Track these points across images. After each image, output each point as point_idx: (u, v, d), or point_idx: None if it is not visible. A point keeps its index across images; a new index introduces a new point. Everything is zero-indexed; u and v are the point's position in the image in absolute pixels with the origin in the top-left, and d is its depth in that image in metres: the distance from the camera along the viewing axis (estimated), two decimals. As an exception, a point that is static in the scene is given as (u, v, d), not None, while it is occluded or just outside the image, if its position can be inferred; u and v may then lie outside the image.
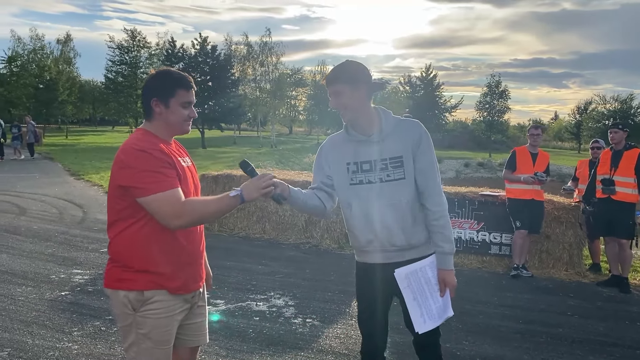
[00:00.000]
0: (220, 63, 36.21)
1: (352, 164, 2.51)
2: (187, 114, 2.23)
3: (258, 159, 23.86)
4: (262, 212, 7.99)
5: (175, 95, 2.20)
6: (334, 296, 5.20)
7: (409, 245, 2.51)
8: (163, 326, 2.17)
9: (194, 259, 2.25)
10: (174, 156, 2.19)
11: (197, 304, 2.36)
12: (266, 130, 53.04)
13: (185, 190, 2.15)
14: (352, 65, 2.45)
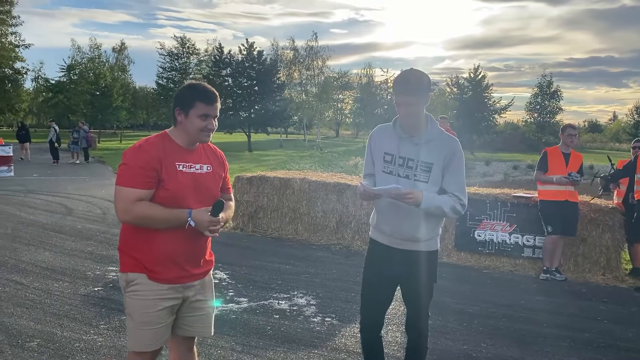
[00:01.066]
0: (266, 68, 36.80)
1: (389, 155, 2.82)
2: (204, 125, 2.38)
3: (302, 161, 24.10)
4: (294, 213, 8.09)
5: (194, 107, 2.36)
6: (356, 297, 5.20)
7: (414, 238, 2.80)
8: (144, 307, 2.35)
9: (183, 257, 2.40)
10: (169, 160, 2.35)
11: (194, 298, 2.49)
12: (312, 134, 53.41)
13: (173, 194, 2.33)
14: (422, 76, 2.71)
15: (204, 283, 2.54)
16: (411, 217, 2.76)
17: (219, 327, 4.26)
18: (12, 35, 53.40)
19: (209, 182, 2.48)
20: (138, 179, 2.28)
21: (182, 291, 2.43)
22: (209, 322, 2.60)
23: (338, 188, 7.73)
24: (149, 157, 2.30)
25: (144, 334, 2.38)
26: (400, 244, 2.83)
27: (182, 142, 2.42)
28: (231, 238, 7.89)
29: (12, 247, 6.74)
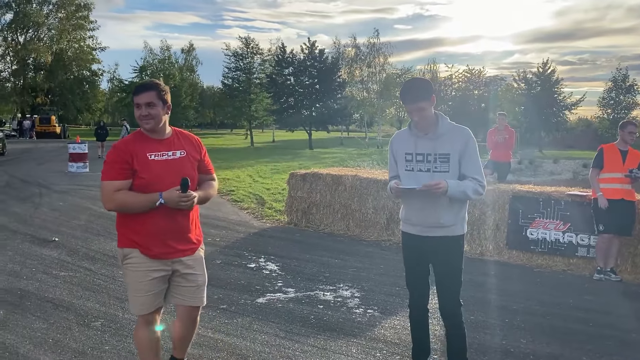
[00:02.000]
0: (327, 66, 37.10)
1: (409, 155, 3.17)
2: (139, 113, 2.80)
3: (360, 159, 24.19)
4: (346, 209, 8.26)
5: (134, 100, 2.84)
6: (401, 290, 5.32)
7: (439, 224, 3.12)
8: (137, 277, 2.84)
9: (165, 235, 2.82)
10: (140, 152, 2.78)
11: (184, 271, 2.92)
12: (373, 131, 53.25)
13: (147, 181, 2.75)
14: (423, 83, 3.11)
15: (194, 259, 2.96)
16: (434, 205, 3.08)
17: (265, 315, 4.54)
18: (90, 39, 56.79)
19: (183, 165, 2.87)
20: (113, 172, 2.75)
21: (170, 265, 2.88)
22: (199, 294, 3.00)
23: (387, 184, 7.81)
24: (120, 151, 2.78)
25: (138, 300, 2.87)
26: (427, 232, 3.15)
27: (149, 134, 2.86)
28: (284, 232, 8.17)
29: (84, 237, 7.33)
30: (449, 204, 3.09)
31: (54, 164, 18.74)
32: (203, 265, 3.04)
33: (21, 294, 4.89)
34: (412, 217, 3.21)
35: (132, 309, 2.96)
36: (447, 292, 3.20)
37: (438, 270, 3.21)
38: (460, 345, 3.24)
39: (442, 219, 3.10)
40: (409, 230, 3.27)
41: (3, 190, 11.76)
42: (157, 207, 2.76)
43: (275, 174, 16.63)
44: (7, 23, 51.66)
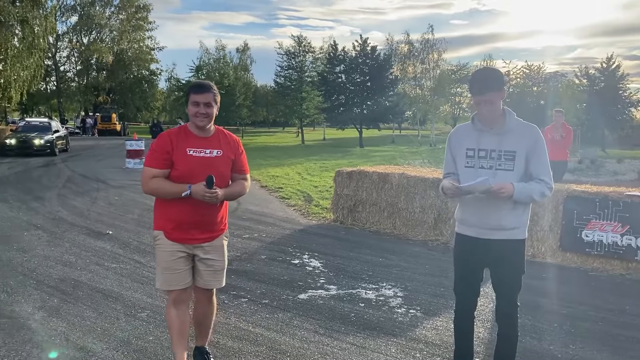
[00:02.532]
0: (379, 63, 36.82)
1: (470, 150, 2.97)
2: (196, 111, 3.02)
3: (411, 157, 23.89)
4: (392, 208, 8.17)
5: (189, 98, 3.05)
6: (446, 292, 5.21)
7: (500, 227, 2.92)
8: (164, 257, 3.11)
9: (187, 224, 3.06)
10: (181, 146, 3.02)
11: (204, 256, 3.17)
12: (426, 129, 52.46)
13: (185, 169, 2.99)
14: (497, 73, 2.91)
15: (213, 246, 3.19)
16: (496, 206, 2.89)
17: (306, 311, 4.54)
18: (149, 40, 58.79)
19: (218, 163, 3.08)
20: (154, 160, 3.03)
21: (191, 249, 3.14)
22: (216, 277, 3.25)
23: (437, 184, 7.66)
24: (164, 142, 3.05)
25: (163, 276, 3.15)
26: (486, 234, 2.96)
27: (193, 130, 3.09)
28: (330, 230, 8.17)
29: (136, 230, 7.58)
30: (513, 205, 2.91)
31: (113, 160, 19.51)
32: (223, 252, 3.27)
33: (74, 284, 5.11)
34: (470, 217, 3.01)
35: (158, 283, 3.21)
36: (505, 294, 3.04)
37: (496, 274, 3.04)
38: (511, 349, 3.11)
39: (504, 221, 2.91)
40: (465, 232, 3.06)
41: (64, 185, 12.35)
42: (185, 198, 2.97)
43: (324, 172, 16.66)
44: (72, 25, 54.24)
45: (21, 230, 7.44)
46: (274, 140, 43.91)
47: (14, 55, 31.55)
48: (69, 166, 16.95)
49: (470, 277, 3.10)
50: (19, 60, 31.77)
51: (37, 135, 21.02)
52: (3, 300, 4.62)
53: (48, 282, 5.16)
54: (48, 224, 7.91)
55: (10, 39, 31.17)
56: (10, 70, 31.53)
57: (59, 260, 5.91)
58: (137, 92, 57.66)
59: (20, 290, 4.88)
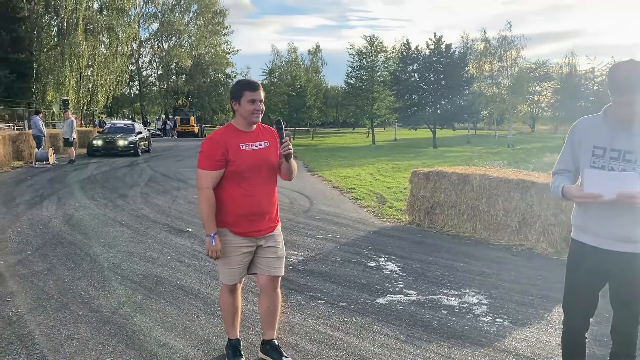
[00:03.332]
0: (454, 61, 35.85)
1: (599, 149, 2.59)
2: (253, 108, 3.13)
3: (489, 158, 23.02)
4: (473, 210, 7.82)
5: (243, 95, 3.14)
6: (534, 300, 4.88)
7: (626, 238, 2.56)
8: (228, 252, 3.24)
9: (251, 216, 3.21)
10: (233, 143, 3.14)
11: (266, 245, 3.31)
12: (503, 129, 50.57)
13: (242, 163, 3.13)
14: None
15: (274, 235, 3.34)
16: (626, 214, 2.51)
17: (385, 316, 4.39)
18: (225, 44, 60.66)
19: (268, 154, 3.24)
20: (207, 162, 3.13)
21: (255, 241, 3.28)
22: (279, 264, 3.37)
23: (522, 185, 7.26)
24: (215, 143, 3.14)
25: (228, 271, 3.30)
26: (609, 244, 2.61)
27: (241, 126, 3.21)
28: (406, 232, 7.95)
29: (214, 229, 7.71)
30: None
31: (191, 161, 20.17)
32: (282, 240, 3.42)
33: (157, 280, 5.23)
34: (592, 225, 2.65)
35: (223, 278, 3.36)
36: (624, 311, 2.69)
37: (617, 289, 2.69)
38: None
39: (632, 232, 2.54)
40: (585, 240, 2.71)
41: (147, 184, 12.87)
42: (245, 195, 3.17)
43: (397, 173, 16.38)
44: (153, 32, 56.93)
45: (107, 226, 7.77)
46: (344, 141, 43.90)
47: (101, 62, 33.52)
48: (150, 166, 17.70)
49: (585, 292, 2.74)
50: (105, 66, 33.75)
51: (122, 136, 22.14)
52: (91, 294, 4.80)
53: (132, 277, 5.32)
54: (132, 220, 8.22)
55: (97, 46, 33.14)
56: (97, 76, 33.51)
57: (142, 257, 6.09)
58: (214, 95, 59.66)
59: (107, 285, 5.06)
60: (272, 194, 3.32)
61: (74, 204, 9.69)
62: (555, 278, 5.56)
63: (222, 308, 3.51)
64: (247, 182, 3.17)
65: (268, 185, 3.27)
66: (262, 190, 3.22)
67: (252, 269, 3.39)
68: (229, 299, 3.43)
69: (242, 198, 3.17)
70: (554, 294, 5.00)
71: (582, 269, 2.72)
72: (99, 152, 21.28)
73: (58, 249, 6.41)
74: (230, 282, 3.35)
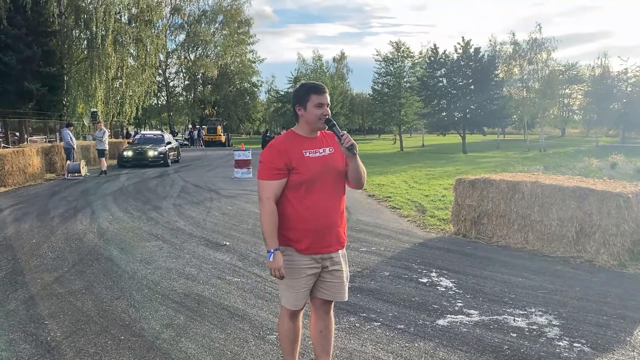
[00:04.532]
0: (483, 65, 35.18)
1: None
2: (320, 112, 2.88)
3: (523, 163, 22.35)
4: (524, 220, 7.37)
5: (309, 99, 2.89)
6: (611, 320, 4.44)
7: None
8: (290, 274, 2.91)
9: (318, 230, 2.89)
10: (296, 150, 2.87)
11: (332, 267, 3.00)
12: (534, 133, 49.45)
13: (307, 172, 2.85)
14: None
15: (339, 256, 3.03)
16: None
17: (450, 340, 4.01)
18: (250, 53, 60.95)
19: (334, 160, 2.96)
20: (268, 172, 2.85)
21: (320, 261, 2.96)
22: (343, 289, 3.07)
23: (578, 193, 6.78)
24: (277, 151, 2.87)
25: (293, 295, 2.97)
26: None
27: (305, 133, 2.96)
28: (454, 244, 7.53)
29: (253, 241, 7.43)
30: None
31: (221, 170, 20.05)
32: (347, 263, 3.13)
33: (199, 299, 4.95)
34: None
35: (287, 304, 3.03)
36: None
37: None
38: None
39: None
40: None
41: (179, 195, 12.69)
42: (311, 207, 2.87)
43: (432, 180, 15.91)
44: (180, 43, 57.50)
45: (143, 240, 7.55)
46: (371, 148, 43.42)
47: (130, 73, 33.84)
48: (181, 176, 17.59)
49: None
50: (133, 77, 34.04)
51: (152, 147, 22.16)
52: (132, 316, 4.53)
53: (173, 296, 5.05)
54: (167, 234, 7.99)
55: (126, 57, 33.47)
56: (126, 87, 33.83)
57: (181, 273, 5.83)
58: (240, 104, 59.89)
59: (147, 306, 4.79)
60: (340, 204, 3.03)
61: (108, 217, 9.53)
62: (627, 295, 5.10)
63: (281, 335, 3.18)
64: (314, 192, 2.88)
65: (336, 195, 2.98)
66: (330, 201, 2.94)
67: (315, 292, 3.09)
68: (290, 326, 3.11)
69: (308, 210, 2.88)
70: (631, 314, 4.56)
71: None
72: (129, 163, 21.33)
73: (95, 266, 6.20)
74: (295, 307, 3.02)
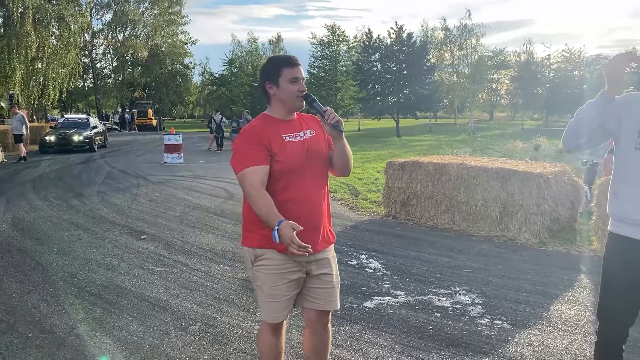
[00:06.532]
0: (415, 50, 35.81)
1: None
2: (296, 88, 2.47)
3: (453, 146, 23.03)
4: (451, 201, 7.53)
5: (282, 74, 2.47)
6: (530, 297, 4.59)
7: None
8: (272, 281, 2.50)
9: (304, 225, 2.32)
10: (275, 134, 2.45)
11: (318, 271, 2.58)
12: (464, 117, 51.10)
13: (288, 159, 2.44)
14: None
15: (328, 258, 2.63)
16: None
17: (376, 322, 4.00)
18: (182, 34, 59.03)
19: (317, 144, 2.57)
20: (249, 160, 2.38)
21: (305, 265, 2.54)
22: (334, 296, 2.66)
23: (501, 174, 7.00)
24: (254, 135, 2.44)
25: (272, 306, 2.54)
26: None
27: (280, 115, 2.54)
28: (383, 225, 7.60)
29: (180, 229, 7.17)
30: None
31: (150, 155, 19.36)
32: (336, 265, 2.72)
33: (118, 291, 4.70)
34: (635, 213, 2.30)
35: (265, 316, 2.60)
36: None
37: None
38: None
39: None
40: (626, 233, 2.34)
41: (104, 182, 12.11)
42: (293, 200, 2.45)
43: (366, 163, 16.05)
44: (107, 22, 54.80)
45: (61, 230, 7.12)
46: (309, 132, 43.43)
47: (52, 54, 31.92)
48: (108, 162, 16.83)
49: (627, 297, 2.35)
50: (56, 58, 32.13)
51: (76, 131, 21.06)
52: (43, 311, 4.23)
53: (90, 289, 4.77)
54: (88, 223, 7.58)
55: (47, 37, 31.52)
56: (49, 68, 31.91)
57: (101, 264, 5.52)
58: (172, 86, 58.01)
59: (61, 299, 4.49)
60: (325, 195, 2.63)
61: (25, 206, 8.94)
62: (546, 271, 5.31)
63: (260, 351, 2.72)
64: (296, 182, 2.47)
65: (320, 184, 2.58)
66: (314, 191, 2.53)
67: (300, 302, 2.66)
68: (271, 341, 2.64)
69: (290, 203, 2.45)
70: (549, 290, 4.74)
71: (623, 266, 2.35)
72: (52, 149, 20.18)
73: (5, 258, 5.77)
74: (274, 319, 2.58)
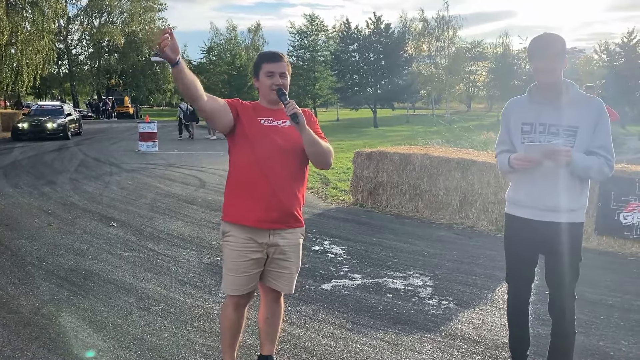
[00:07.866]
0: (393, 41, 36.09)
1: (527, 125, 2.75)
2: (270, 82, 2.68)
3: (428, 137, 23.37)
4: (415, 190, 7.81)
5: (261, 68, 2.72)
6: (478, 280, 4.88)
7: (556, 208, 2.69)
8: (233, 257, 2.72)
9: (263, 198, 2.63)
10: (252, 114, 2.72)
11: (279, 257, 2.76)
12: (441, 108, 51.61)
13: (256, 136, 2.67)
14: (558, 39, 2.66)
15: (290, 245, 2.78)
16: (552, 184, 2.68)
17: (330, 303, 4.25)
18: (159, 21, 58.25)
19: (290, 133, 2.69)
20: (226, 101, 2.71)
21: (265, 247, 2.72)
22: (290, 281, 2.87)
23: (462, 164, 7.29)
24: (235, 100, 2.78)
25: (230, 279, 2.75)
26: (540, 215, 2.73)
27: (264, 104, 2.78)
28: (350, 213, 7.85)
29: (150, 215, 7.32)
30: (571, 185, 2.68)
31: (125, 143, 19.31)
32: (299, 253, 2.88)
33: (85, 274, 4.85)
34: (523, 197, 2.77)
35: (225, 287, 2.81)
36: (559, 284, 2.75)
37: (551, 261, 2.77)
38: (567, 348, 2.81)
39: (562, 202, 2.68)
40: (517, 213, 2.82)
41: (77, 169, 12.13)
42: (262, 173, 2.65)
43: (340, 153, 16.26)
44: (82, 8, 53.81)
45: (32, 216, 7.21)
46: (287, 122, 43.44)
47: (25, 39, 31.34)
48: (81, 150, 16.77)
49: (523, 263, 2.87)
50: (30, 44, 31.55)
51: (50, 118, 20.84)
52: (10, 293, 4.37)
53: (57, 272, 4.91)
54: (59, 209, 7.67)
55: (20, 22, 30.93)
56: (22, 54, 31.34)
57: (69, 249, 5.66)
58: (149, 74, 57.32)
59: (29, 282, 4.63)
60: (297, 180, 2.74)
61: (-5, 193, 8.97)
62: (497, 256, 5.59)
63: (222, 325, 2.91)
64: (266, 159, 2.64)
65: (292, 170, 2.71)
66: (283, 170, 2.67)
67: (261, 278, 2.86)
68: (232, 315, 2.82)
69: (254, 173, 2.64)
70: (498, 273, 5.02)
71: (518, 242, 2.84)
72: (25, 136, 19.96)
73: (-26, 244, 5.87)
74: (232, 292, 2.76)
